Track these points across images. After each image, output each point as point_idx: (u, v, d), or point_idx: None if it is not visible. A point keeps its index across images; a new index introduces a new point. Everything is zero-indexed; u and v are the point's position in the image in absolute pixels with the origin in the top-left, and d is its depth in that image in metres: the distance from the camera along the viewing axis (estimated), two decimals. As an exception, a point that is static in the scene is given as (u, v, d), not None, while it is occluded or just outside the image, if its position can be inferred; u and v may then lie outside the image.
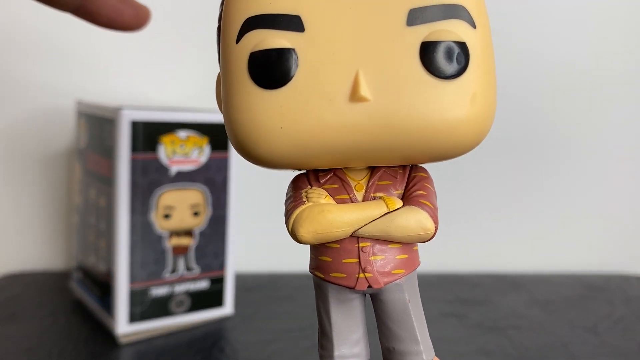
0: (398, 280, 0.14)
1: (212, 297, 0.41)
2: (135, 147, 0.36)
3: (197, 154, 0.38)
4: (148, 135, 0.36)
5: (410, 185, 0.14)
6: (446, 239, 0.54)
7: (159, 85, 0.51)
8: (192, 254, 0.39)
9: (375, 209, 0.14)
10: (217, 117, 0.39)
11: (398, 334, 0.15)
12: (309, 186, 0.14)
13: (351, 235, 0.14)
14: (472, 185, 0.54)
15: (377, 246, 0.14)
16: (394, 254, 0.14)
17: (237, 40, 0.12)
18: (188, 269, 0.39)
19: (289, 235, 0.15)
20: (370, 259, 0.14)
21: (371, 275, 0.14)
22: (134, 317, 0.37)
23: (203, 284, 0.40)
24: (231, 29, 0.13)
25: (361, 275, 0.14)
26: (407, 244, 0.14)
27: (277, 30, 0.12)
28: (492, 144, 0.53)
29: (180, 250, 0.39)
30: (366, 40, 0.12)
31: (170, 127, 0.37)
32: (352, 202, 0.14)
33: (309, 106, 0.12)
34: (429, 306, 0.44)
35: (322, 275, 0.15)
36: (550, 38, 0.53)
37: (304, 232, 0.14)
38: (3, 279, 0.48)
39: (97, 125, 0.39)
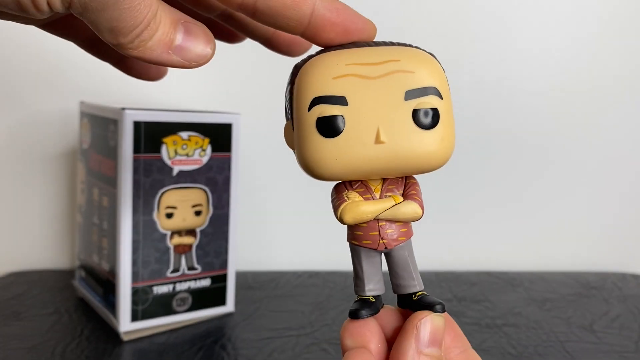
0: (402, 244, 0.23)
1: (213, 295, 0.41)
2: (137, 148, 0.36)
3: (199, 154, 0.39)
4: (150, 135, 0.37)
5: (406, 187, 0.24)
6: (444, 237, 0.55)
7: (161, 87, 0.51)
8: (194, 253, 0.40)
9: (388, 203, 0.23)
10: (219, 118, 0.40)
11: (402, 275, 0.24)
12: (347, 190, 0.23)
13: (374, 219, 0.23)
14: (469, 185, 0.54)
15: (389, 224, 0.23)
16: (399, 228, 0.23)
17: (309, 110, 0.22)
18: (190, 267, 0.40)
19: (337, 220, 0.23)
20: (386, 232, 0.23)
21: (386, 241, 0.23)
22: (136, 315, 0.38)
23: (205, 282, 0.41)
24: (304, 103, 0.22)
25: (380, 241, 0.23)
26: (406, 223, 0.24)
27: (332, 105, 0.22)
28: (491, 144, 0.54)
29: (182, 249, 0.39)
30: (382, 109, 0.22)
31: (172, 128, 0.38)
32: (373, 199, 0.23)
33: (352, 147, 0.22)
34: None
35: (357, 243, 0.23)
36: (548, 39, 0.53)
37: (348, 217, 0.23)
38: (8, 277, 0.49)
39: (100, 125, 0.39)
